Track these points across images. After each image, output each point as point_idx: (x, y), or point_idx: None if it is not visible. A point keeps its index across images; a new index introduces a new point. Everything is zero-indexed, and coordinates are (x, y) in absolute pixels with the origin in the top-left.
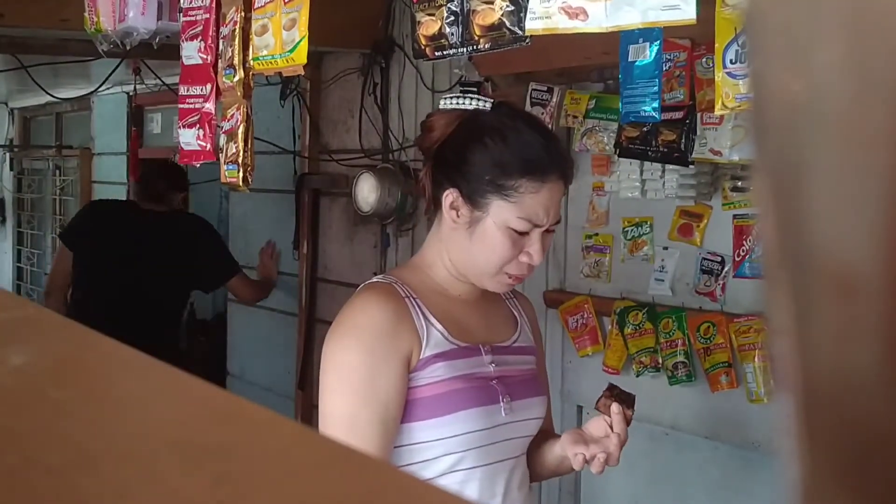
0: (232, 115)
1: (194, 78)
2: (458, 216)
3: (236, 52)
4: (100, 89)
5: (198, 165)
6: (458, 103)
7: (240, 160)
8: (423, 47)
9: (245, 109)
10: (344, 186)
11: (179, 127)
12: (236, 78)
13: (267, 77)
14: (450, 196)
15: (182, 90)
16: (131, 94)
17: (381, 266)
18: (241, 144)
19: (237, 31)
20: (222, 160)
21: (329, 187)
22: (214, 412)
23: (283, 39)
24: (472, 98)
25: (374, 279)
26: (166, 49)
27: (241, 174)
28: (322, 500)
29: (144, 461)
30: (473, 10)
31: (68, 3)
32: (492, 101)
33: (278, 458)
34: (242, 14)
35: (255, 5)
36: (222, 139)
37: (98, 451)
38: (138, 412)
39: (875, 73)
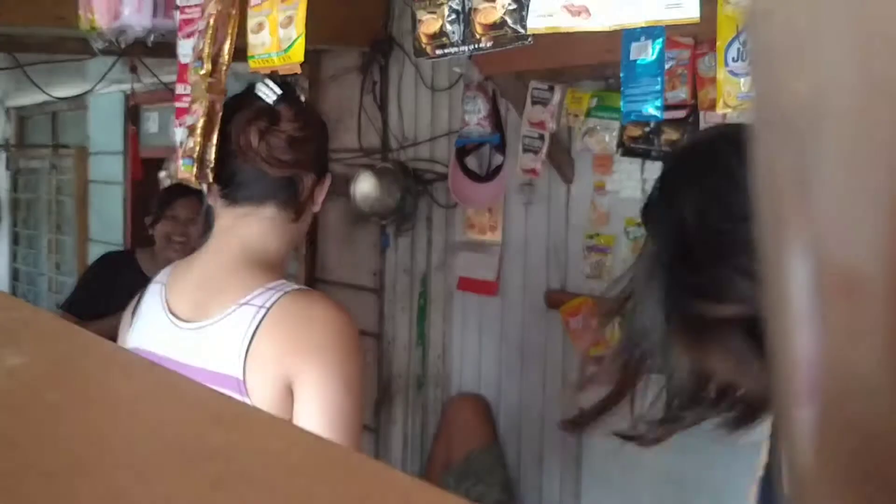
0: (195, 111)
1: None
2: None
3: (207, 44)
4: (96, 88)
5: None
6: (272, 93)
7: (196, 154)
8: (423, 46)
9: (207, 103)
10: (343, 186)
11: (176, 125)
12: (203, 70)
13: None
14: (324, 181)
15: (179, 89)
16: (128, 92)
17: (380, 266)
18: (199, 140)
19: (211, 24)
20: (180, 154)
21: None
22: (211, 414)
23: (279, 37)
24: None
25: (295, 286)
26: (161, 47)
27: (196, 169)
28: (321, 503)
29: (141, 464)
30: (475, 9)
31: (64, 0)
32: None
33: (276, 461)
34: (219, 8)
35: (252, 3)
36: (183, 133)
37: (94, 454)
38: (134, 415)
39: (880, 71)
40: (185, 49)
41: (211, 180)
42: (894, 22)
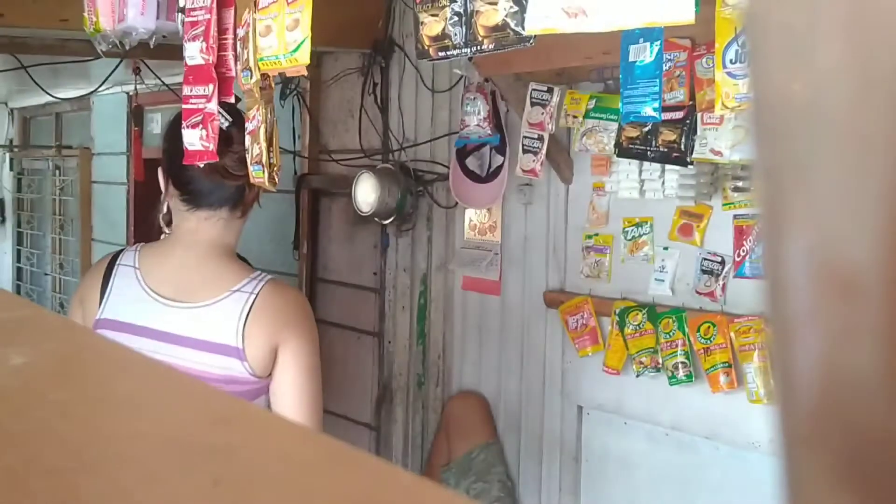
0: (253, 117)
1: (197, 78)
2: None
3: (251, 53)
4: (99, 89)
5: (201, 166)
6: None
7: (264, 160)
8: (426, 48)
9: (264, 110)
10: (344, 186)
11: (183, 127)
12: (253, 79)
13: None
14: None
15: (185, 90)
16: (131, 93)
17: (380, 266)
18: (263, 145)
19: (251, 33)
20: (249, 160)
21: (329, 187)
22: (213, 413)
23: (286, 40)
24: None
25: (268, 276)
26: (164, 49)
27: (266, 174)
28: (321, 501)
29: (143, 462)
30: (477, 11)
31: (68, 3)
32: None
33: (278, 459)
34: (255, 16)
35: (259, 6)
36: (247, 140)
37: (97, 452)
38: (137, 413)
39: (875, 72)
40: (190, 51)
41: (277, 182)
42: (890, 23)
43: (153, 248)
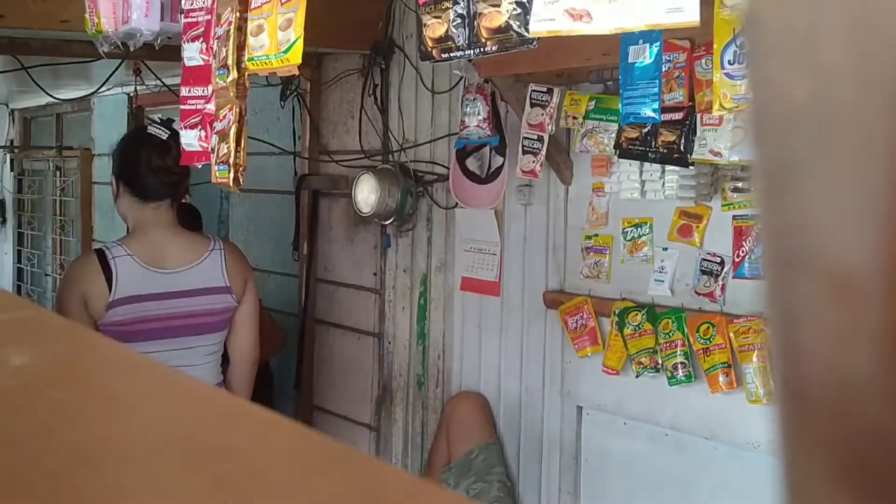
0: (224, 116)
1: (195, 79)
2: None
3: (230, 52)
4: (100, 90)
5: (199, 167)
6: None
7: (231, 160)
8: (429, 49)
9: (238, 110)
10: (344, 187)
11: (181, 128)
12: (230, 78)
13: (267, 78)
14: (188, 178)
15: (183, 91)
16: (131, 94)
17: (381, 266)
18: (232, 145)
19: (232, 31)
20: (214, 160)
21: (329, 188)
22: (214, 412)
23: (278, 40)
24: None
25: (218, 237)
26: (166, 50)
27: (231, 174)
28: (321, 501)
29: (144, 462)
30: (480, 13)
31: (69, 4)
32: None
33: (279, 459)
34: (237, 14)
35: (252, 5)
36: (214, 139)
37: (98, 451)
38: (138, 413)
39: (874, 74)
40: (189, 52)
41: (241, 184)
42: (890, 23)
43: (132, 239)
